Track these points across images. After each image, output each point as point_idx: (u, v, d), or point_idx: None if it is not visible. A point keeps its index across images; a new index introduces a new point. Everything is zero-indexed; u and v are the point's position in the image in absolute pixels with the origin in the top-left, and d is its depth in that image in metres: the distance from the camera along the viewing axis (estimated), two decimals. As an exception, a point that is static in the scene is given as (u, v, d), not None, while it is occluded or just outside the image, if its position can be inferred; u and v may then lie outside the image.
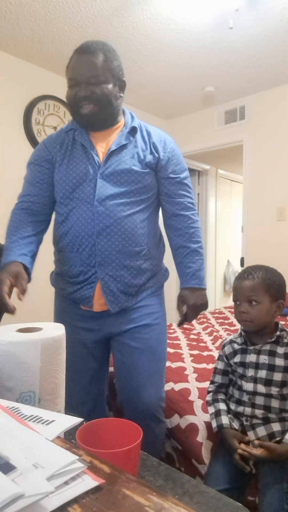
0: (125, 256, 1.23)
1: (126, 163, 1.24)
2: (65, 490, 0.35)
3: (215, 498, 0.47)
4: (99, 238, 1.21)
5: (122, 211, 1.22)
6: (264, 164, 3.37)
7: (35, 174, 1.30)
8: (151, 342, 1.29)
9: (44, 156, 1.30)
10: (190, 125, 3.91)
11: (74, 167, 1.25)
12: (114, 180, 1.23)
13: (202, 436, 1.28)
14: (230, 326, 2.51)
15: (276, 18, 2.34)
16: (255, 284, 1.15)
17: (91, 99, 1.19)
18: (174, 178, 1.33)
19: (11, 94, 2.77)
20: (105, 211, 1.21)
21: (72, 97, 1.21)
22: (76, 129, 1.29)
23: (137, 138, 1.29)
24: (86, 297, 1.26)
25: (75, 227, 1.24)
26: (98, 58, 1.19)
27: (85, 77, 1.18)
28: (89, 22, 2.38)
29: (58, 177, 1.27)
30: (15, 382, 0.57)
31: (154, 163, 1.29)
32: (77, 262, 1.25)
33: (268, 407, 1.12)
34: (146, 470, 0.56)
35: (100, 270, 1.23)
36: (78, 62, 1.19)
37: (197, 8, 2.23)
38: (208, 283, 5.12)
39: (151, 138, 1.31)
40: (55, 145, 1.30)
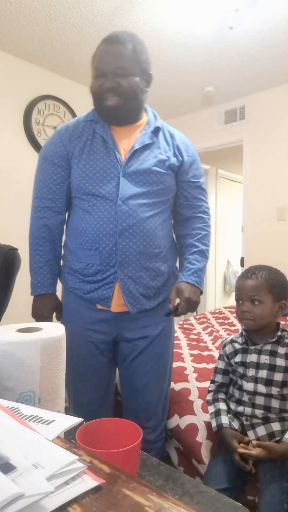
0: (145, 258, 1.21)
1: (148, 163, 1.22)
2: (65, 490, 0.35)
3: (215, 498, 0.47)
4: (121, 238, 1.18)
5: (145, 211, 1.20)
6: (264, 164, 3.37)
7: (49, 173, 1.27)
8: (162, 350, 1.31)
9: (59, 151, 1.25)
10: (190, 125, 3.91)
11: (94, 162, 1.20)
12: (136, 179, 1.20)
13: (202, 435, 1.28)
14: (230, 326, 2.51)
15: (276, 18, 2.34)
16: (258, 284, 1.16)
17: (117, 91, 1.15)
18: (195, 182, 1.34)
19: (11, 94, 2.77)
20: (128, 211, 1.18)
21: (97, 88, 1.16)
22: (98, 121, 1.24)
23: (160, 138, 1.27)
24: (105, 297, 1.22)
25: (96, 225, 1.20)
26: (127, 48, 1.14)
27: (112, 68, 1.13)
28: (89, 22, 2.38)
29: (77, 173, 1.22)
30: (15, 382, 0.57)
31: (177, 166, 1.28)
32: (95, 261, 1.21)
33: (268, 407, 1.12)
34: (146, 470, 0.56)
35: (120, 271, 1.20)
36: (106, 51, 1.14)
37: (197, 8, 2.23)
38: (208, 283, 5.12)
39: (174, 140, 1.30)
40: (72, 138, 1.24)
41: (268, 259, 3.35)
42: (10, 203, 2.78)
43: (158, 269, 1.25)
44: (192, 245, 1.33)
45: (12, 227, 2.77)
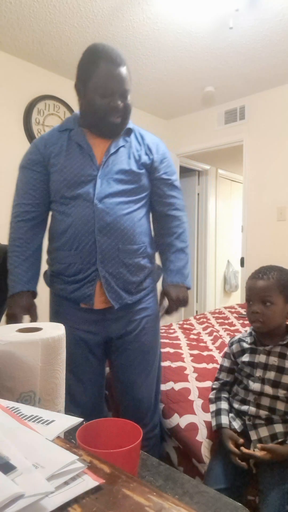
0: (124, 254, 1.26)
1: (123, 162, 1.28)
2: (65, 490, 0.35)
3: (215, 498, 0.47)
4: (99, 236, 1.22)
5: (121, 209, 1.25)
6: (264, 164, 3.37)
7: (28, 179, 1.31)
8: (147, 345, 1.35)
9: (36, 159, 1.29)
10: (190, 125, 3.91)
11: (71, 167, 1.25)
12: (113, 179, 1.26)
13: (202, 435, 1.28)
14: (230, 326, 2.51)
15: (276, 18, 2.34)
16: (269, 285, 1.15)
17: (122, 112, 1.24)
18: (167, 180, 1.39)
19: (11, 94, 2.77)
20: (105, 209, 1.22)
21: (104, 106, 1.21)
22: (72, 129, 1.30)
23: (131, 139, 1.34)
24: (87, 295, 1.26)
25: (74, 225, 1.24)
26: (125, 70, 1.23)
27: (121, 90, 1.21)
28: (89, 22, 2.38)
29: (55, 178, 1.27)
30: (15, 382, 0.57)
31: (149, 164, 1.34)
32: (76, 260, 1.25)
33: (273, 409, 1.12)
34: (146, 470, 0.56)
35: (101, 268, 1.24)
36: (112, 73, 1.19)
37: (197, 8, 2.23)
38: (208, 283, 5.12)
39: (145, 140, 1.37)
40: (48, 146, 1.29)
41: (268, 259, 3.36)
42: (10, 203, 2.78)
43: (138, 265, 1.29)
44: (170, 245, 1.38)
45: (12, 227, 2.77)
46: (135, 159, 1.30)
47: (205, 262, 4.78)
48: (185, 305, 1.34)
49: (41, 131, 2.92)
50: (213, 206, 4.90)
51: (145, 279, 1.34)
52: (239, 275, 4.42)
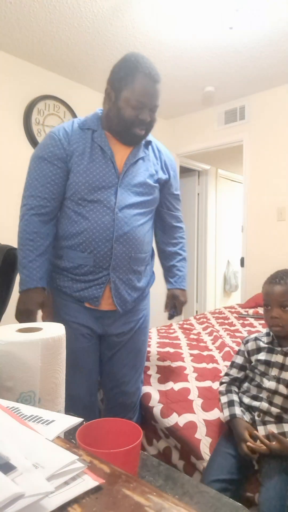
0: (134, 262, 1.33)
1: (141, 175, 1.33)
2: (65, 490, 0.35)
3: (215, 498, 0.47)
4: (116, 244, 1.27)
5: (137, 220, 1.32)
6: (264, 164, 3.38)
7: (47, 173, 1.27)
8: (140, 343, 1.46)
9: (59, 154, 1.27)
10: (190, 125, 3.91)
11: (94, 170, 1.26)
12: (131, 190, 1.30)
13: (201, 432, 1.28)
14: (230, 326, 2.51)
15: (276, 18, 2.34)
16: (287, 289, 1.17)
17: (148, 125, 1.28)
18: (176, 195, 1.52)
19: (11, 94, 2.77)
20: (123, 219, 1.28)
21: (132, 117, 1.24)
22: (95, 129, 1.30)
23: (149, 152, 1.39)
24: (94, 296, 1.29)
25: (92, 230, 1.26)
26: (160, 87, 1.27)
27: (152, 105, 1.25)
28: (89, 22, 2.38)
29: (77, 179, 1.26)
30: (15, 382, 0.57)
31: (164, 180, 1.42)
32: (89, 263, 1.27)
33: (286, 409, 1.13)
34: (146, 470, 0.56)
35: (113, 273, 1.29)
36: (149, 87, 1.22)
37: (197, 8, 2.23)
38: (208, 283, 5.13)
39: (162, 155, 1.43)
40: (71, 142, 1.27)
41: (268, 259, 3.37)
42: (10, 203, 2.78)
43: (143, 272, 1.40)
44: (177, 253, 1.54)
45: (13, 227, 2.77)
46: (152, 173, 1.36)
47: (205, 262, 4.78)
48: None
49: (41, 131, 2.92)
50: (213, 206, 4.90)
51: (147, 284, 1.43)
52: (239, 275, 4.42)
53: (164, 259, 1.56)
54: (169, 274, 1.53)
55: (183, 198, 1.56)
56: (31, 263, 1.24)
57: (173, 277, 1.51)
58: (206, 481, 1.04)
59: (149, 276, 1.46)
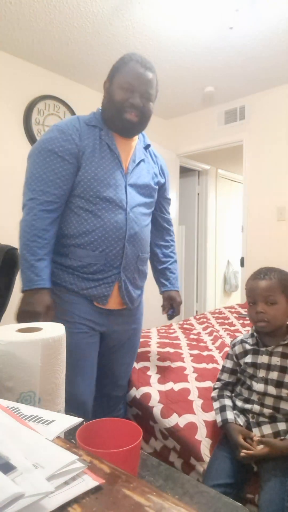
0: (140, 262, 1.37)
1: (144, 177, 1.37)
2: (65, 490, 0.35)
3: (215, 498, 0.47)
4: (128, 243, 1.29)
5: (144, 220, 1.36)
6: (264, 164, 3.37)
7: (57, 167, 1.21)
8: (136, 341, 1.52)
9: (71, 149, 1.22)
10: (190, 125, 3.91)
11: (105, 167, 1.26)
12: (138, 190, 1.34)
13: (201, 434, 1.28)
14: (230, 326, 2.51)
15: (276, 18, 2.34)
16: (272, 284, 1.16)
17: (139, 110, 1.26)
18: (168, 199, 1.59)
19: (11, 94, 2.77)
20: (134, 218, 1.30)
21: (122, 99, 1.24)
22: (101, 128, 1.30)
23: (148, 155, 1.43)
24: (103, 295, 1.29)
25: (105, 228, 1.25)
26: (154, 77, 1.28)
27: (143, 89, 1.25)
28: (89, 22, 2.38)
29: (89, 175, 1.23)
30: (15, 382, 0.57)
31: (162, 183, 1.47)
32: (98, 261, 1.26)
33: (277, 408, 1.13)
34: (146, 470, 0.56)
35: (122, 273, 1.31)
36: (140, 72, 1.24)
37: (197, 8, 2.23)
38: (208, 283, 5.13)
39: (158, 160, 1.48)
40: (83, 138, 1.25)
41: (268, 259, 3.37)
42: (10, 202, 2.78)
43: (145, 271, 1.44)
44: (169, 256, 1.60)
45: (13, 227, 2.76)
46: (152, 175, 1.40)
47: (205, 262, 4.78)
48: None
49: (41, 131, 2.92)
50: (213, 206, 4.90)
51: (143, 283, 1.49)
52: (239, 275, 4.42)
53: (156, 261, 1.60)
54: (163, 276, 1.59)
55: (183, 198, 1.61)
56: (39, 262, 1.17)
57: (167, 279, 1.58)
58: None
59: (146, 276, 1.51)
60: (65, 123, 1.26)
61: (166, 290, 1.58)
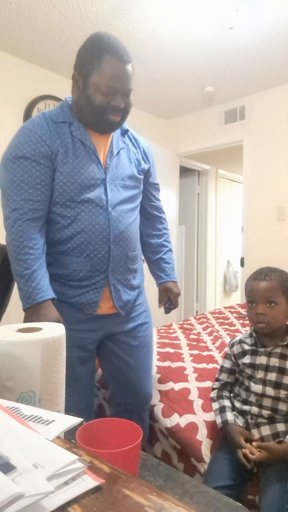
0: (130, 261, 1.27)
1: (126, 167, 1.26)
2: (65, 490, 0.35)
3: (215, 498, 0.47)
4: (113, 244, 1.20)
5: (129, 217, 1.25)
6: (264, 164, 3.38)
7: (34, 173, 1.13)
8: (148, 339, 1.40)
9: (43, 151, 1.13)
10: (190, 125, 3.91)
11: (81, 168, 1.16)
12: (120, 184, 1.23)
13: (202, 434, 1.28)
14: (230, 326, 2.51)
15: (276, 18, 2.34)
16: (273, 285, 1.15)
17: (123, 111, 1.18)
18: (155, 184, 1.46)
19: (11, 94, 2.77)
20: (118, 217, 1.20)
21: (104, 104, 1.13)
22: (71, 122, 1.18)
23: (127, 141, 1.32)
24: (92, 301, 1.21)
25: (87, 232, 1.16)
26: (131, 68, 1.16)
27: (125, 89, 1.15)
28: (89, 22, 2.38)
29: (64, 178, 1.15)
30: (15, 382, 0.57)
31: (146, 169, 1.35)
32: (84, 267, 1.19)
33: (276, 409, 1.12)
34: (146, 470, 0.56)
35: (111, 276, 1.22)
36: (119, 71, 1.12)
37: (197, 8, 2.23)
38: (208, 283, 5.12)
39: (139, 143, 1.36)
40: (53, 138, 1.15)
41: (268, 259, 3.37)
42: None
43: (136, 269, 1.34)
44: (162, 245, 1.48)
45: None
46: (135, 163, 1.29)
47: (205, 262, 4.78)
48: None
49: (41, 131, 2.92)
50: (213, 206, 4.90)
51: (141, 281, 1.40)
52: (239, 275, 4.42)
53: (150, 252, 1.47)
54: (158, 267, 1.46)
55: (183, 198, 1.54)
56: (35, 273, 1.09)
57: (162, 270, 1.45)
58: None
59: (141, 272, 1.40)
60: (32, 123, 1.17)
61: (162, 282, 1.45)
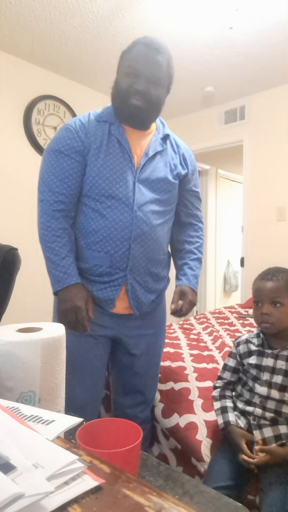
0: (152, 263, 1.26)
1: (160, 171, 1.26)
2: (65, 490, 0.35)
3: (215, 498, 0.47)
4: (134, 243, 1.21)
5: (156, 219, 1.25)
6: (264, 164, 3.37)
7: (64, 167, 1.19)
8: (157, 347, 1.38)
9: (76, 146, 1.20)
10: (190, 125, 3.91)
11: (111, 163, 1.20)
12: (149, 186, 1.24)
13: (202, 434, 1.28)
14: (230, 326, 2.51)
15: (276, 18, 2.34)
16: (279, 286, 1.14)
17: (145, 96, 1.17)
18: (195, 192, 1.41)
19: (11, 94, 2.77)
20: (142, 217, 1.21)
21: (127, 86, 1.16)
22: (112, 122, 1.23)
23: (168, 146, 1.31)
24: (109, 298, 1.23)
25: (110, 228, 1.19)
26: (164, 59, 1.18)
27: (149, 73, 1.15)
28: (89, 22, 2.38)
29: (94, 172, 1.20)
30: (15, 382, 0.57)
31: (183, 175, 1.33)
32: (105, 263, 1.21)
33: (279, 412, 1.12)
34: (146, 470, 0.56)
35: (130, 275, 1.23)
36: (145, 55, 1.15)
37: (197, 8, 2.23)
38: (208, 283, 5.11)
39: (180, 149, 1.35)
40: (89, 135, 1.21)
41: (268, 259, 3.37)
42: (10, 203, 2.78)
43: (160, 274, 1.31)
44: (192, 252, 1.41)
45: (12, 227, 2.77)
46: (171, 168, 1.29)
47: (205, 262, 4.78)
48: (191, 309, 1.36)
49: (41, 131, 2.92)
50: (213, 206, 4.90)
51: (164, 287, 1.37)
52: (239, 275, 4.42)
53: (178, 258, 1.44)
54: (181, 271, 1.40)
55: None
56: (64, 260, 1.17)
57: (184, 274, 1.38)
58: None
59: (166, 280, 1.39)
60: (73, 120, 1.25)
61: (179, 284, 1.38)
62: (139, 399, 1.36)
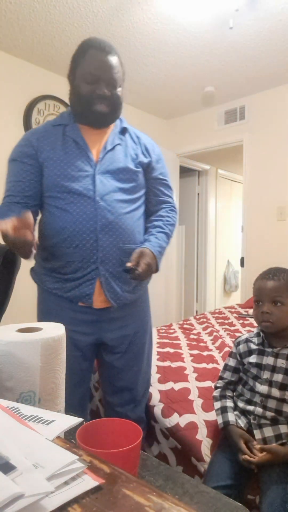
0: (124, 253, 1.24)
1: (120, 161, 1.27)
2: (65, 490, 0.35)
3: (215, 498, 0.47)
4: (101, 234, 1.21)
5: (122, 208, 1.25)
6: (264, 164, 3.38)
7: (17, 171, 1.26)
8: (141, 344, 1.37)
9: (27, 151, 1.25)
10: (190, 125, 3.91)
11: (68, 161, 1.23)
12: (111, 176, 1.25)
13: (202, 433, 1.28)
14: (230, 326, 2.51)
15: (275, 18, 2.34)
16: (280, 285, 1.15)
17: (108, 100, 1.22)
18: (163, 180, 1.41)
19: (11, 94, 2.77)
20: (106, 207, 1.21)
21: (88, 92, 1.20)
22: (66, 124, 1.28)
23: (127, 138, 1.34)
24: (86, 294, 1.24)
25: (74, 222, 1.21)
26: (116, 60, 1.21)
27: (108, 77, 1.19)
28: (89, 22, 2.38)
29: (52, 172, 1.23)
30: (15, 382, 0.57)
31: (146, 163, 1.34)
32: (76, 258, 1.22)
33: (280, 411, 1.12)
34: (146, 470, 0.56)
35: (101, 267, 1.22)
36: (100, 60, 1.19)
37: (197, 8, 2.23)
38: (208, 283, 5.11)
39: (141, 140, 1.38)
40: (41, 139, 1.26)
41: (268, 259, 3.37)
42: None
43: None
44: (159, 227, 1.35)
45: (12, 227, 2.76)
46: (132, 157, 1.31)
47: (205, 262, 4.78)
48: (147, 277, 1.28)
49: (41, 131, 2.92)
50: (213, 206, 4.90)
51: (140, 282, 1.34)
52: (239, 275, 4.42)
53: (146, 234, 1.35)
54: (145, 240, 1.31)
55: (183, 198, 1.49)
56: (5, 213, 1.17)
57: (148, 241, 1.29)
58: None
59: None
60: (31, 130, 1.32)
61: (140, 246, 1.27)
62: (127, 396, 1.36)
